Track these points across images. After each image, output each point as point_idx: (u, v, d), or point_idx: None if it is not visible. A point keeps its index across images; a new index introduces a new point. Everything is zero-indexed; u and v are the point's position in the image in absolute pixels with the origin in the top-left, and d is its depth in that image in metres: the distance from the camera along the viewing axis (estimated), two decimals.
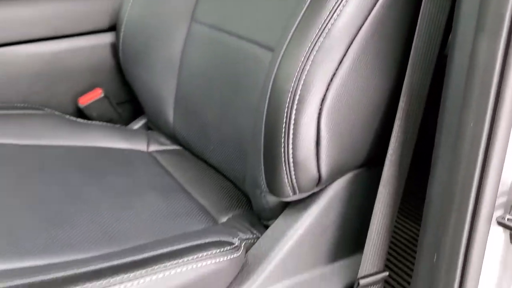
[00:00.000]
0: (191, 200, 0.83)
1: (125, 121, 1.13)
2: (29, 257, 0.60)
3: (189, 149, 1.01)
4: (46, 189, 0.75)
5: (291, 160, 0.61)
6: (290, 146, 0.60)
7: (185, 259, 0.60)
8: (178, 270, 0.59)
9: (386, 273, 0.71)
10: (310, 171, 0.62)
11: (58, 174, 0.81)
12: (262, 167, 0.66)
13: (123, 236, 0.68)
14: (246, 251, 0.70)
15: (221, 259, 0.62)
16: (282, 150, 0.61)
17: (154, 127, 1.09)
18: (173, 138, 1.04)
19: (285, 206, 0.72)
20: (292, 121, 0.59)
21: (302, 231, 0.69)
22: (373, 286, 0.70)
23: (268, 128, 0.62)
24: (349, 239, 0.74)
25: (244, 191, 0.85)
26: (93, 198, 0.76)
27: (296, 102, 0.59)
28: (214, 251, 0.62)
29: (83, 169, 0.85)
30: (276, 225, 0.71)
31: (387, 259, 0.75)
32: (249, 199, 0.84)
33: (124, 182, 0.84)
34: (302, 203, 0.70)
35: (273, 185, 0.65)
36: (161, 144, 1.04)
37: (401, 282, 1.05)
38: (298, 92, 0.59)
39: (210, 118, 0.87)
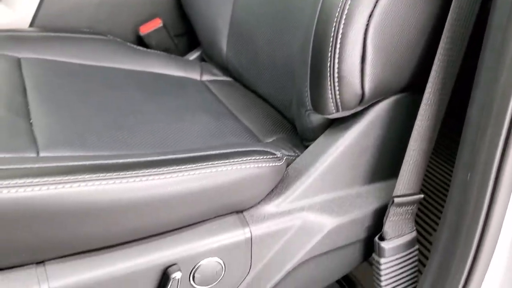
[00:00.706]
0: (239, 123, 0.88)
1: (181, 52, 1.19)
2: (94, 149, 0.67)
3: (240, 80, 1.06)
4: (109, 101, 0.82)
5: (336, 74, 0.64)
6: (336, 60, 0.63)
7: (231, 160, 0.65)
8: (224, 168, 0.64)
9: (421, 196, 0.74)
10: (354, 87, 0.65)
11: (119, 90, 0.87)
12: (308, 83, 0.70)
13: (177, 143, 0.74)
14: (288, 165, 0.75)
15: (263, 165, 0.67)
16: (328, 63, 0.64)
17: (208, 58, 1.14)
18: (225, 69, 1.09)
19: (327, 127, 0.76)
20: (340, 35, 0.62)
21: (342, 150, 0.72)
22: (408, 206, 0.73)
23: (316, 42, 0.65)
24: (386, 163, 0.77)
25: (289, 117, 0.89)
26: (151, 113, 0.82)
27: (344, 16, 0.61)
28: (257, 157, 0.67)
29: (141, 89, 0.91)
30: (318, 142, 0.75)
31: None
32: (294, 125, 0.88)
33: (179, 102, 0.89)
34: (344, 123, 0.73)
35: (317, 101, 0.69)
36: (214, 74, 1.10)
37: (430, 216, 1.07)
38: (347, 6, 0.61)
39: (263, 44, 0.91)
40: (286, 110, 0.89)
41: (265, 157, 0.68)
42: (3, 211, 0.53)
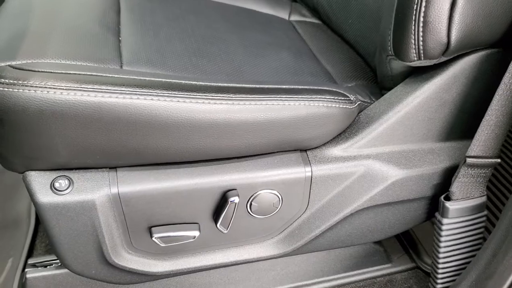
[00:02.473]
0: (318, 64, 0.86)
1: None
2: (172, 69, 0.69)
3: (328, 24, 1.04)
4: (194, 28, 0.84)
5: (421, 18, 0.61)
6: (423, 3, 0.60)
7: (300, 96, 0.65)
8: (292, 103, 0.64)
9: (498, 160, 0.70)
10: (439, 34, 0.61)
11: (205, 20, 0.89)
12: (392, 25, 0.67)
13: (251, 75, 0.75)
14: (360, 111, 0.74)
15: (333, 105, 0.66)
16: (415, 6, 0.61)
17: None
18: (315, 11, 1.07)
19: (407, 76, 0.73)
20: None
21: (419, 101, 0.69)
22: (480, 169, 0.70)
23: None
24: (465, 121, 0.73)
25: (371, 65, 0.86)
26: (233, 44, 0.83)
27: None
28: (328, 97, 0.67)
29: (228, 20, 0.92)
30: (395, 90, 0.72)
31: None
32: (375, 73, 0.85)
33: (262, 37, 0.89)
34: (425, 74, 0.70)
35: (399, 46, 0.66)
36: (302, 15, 1.08)
37: (505, 184, 1.01)
38: None
39: None
40: (370, 58, 0.87)
41: (336, 97, 0.67)
42: (84, 113, 0.57)
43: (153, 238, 0.68)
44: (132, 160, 0.65)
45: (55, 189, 0.63)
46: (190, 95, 0.60)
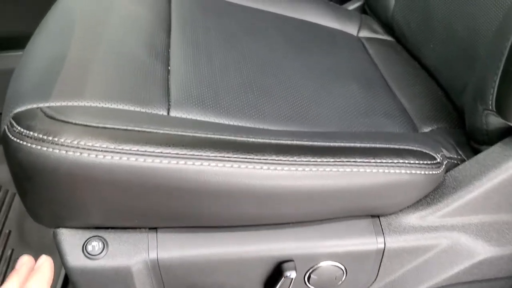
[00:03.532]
0: (393, 99, 0.74)
1: (340, 0, 1.05)
2: (225, 113, 0.59)
3: (403, 44, 0.91)
4: (251, 51, 0.73)
5: None
6: None
7: (378, 160, 0.54)
8: (368, 170, 0.53)
9: None
10: None
11: (263, 39, 0.78)
12: (498, 78, 0.54)
13: (315, 118, 0.64)
14: (447, 171, 0.62)
15: (417, 172, 0.55)
16: None
17: (370, 11, 0.99)
18: (389, 27, 0.94)
19: (506, 134, 0.60)
20: None
21: None
22: None
23: None
24: None
25: (456, 103, 0.74)
26: (294, 73, 0.72)
27: None
28: (412, 161, 0.55)
29: (288, 39, 0.81)
30: (492, 152, 0.59)
31: None
32: (460, 115, 0.72)
33: (327, 62, 0.78)
34: None
35: (505, 104, 0.54)
36: (374, 31, 0.95)
37: None
38: None
39: (438, 5, 0.74)
40: (455, 95, 0.74)
41: (421, 162, 0.56)
42: (122, 178, 0.48)
43: None
44: (175, 223, 0.56)
45: (88, 252, 0.55)
46: (245, 158, 0.50)
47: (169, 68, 0.65)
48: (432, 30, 0.79)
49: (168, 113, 0.57)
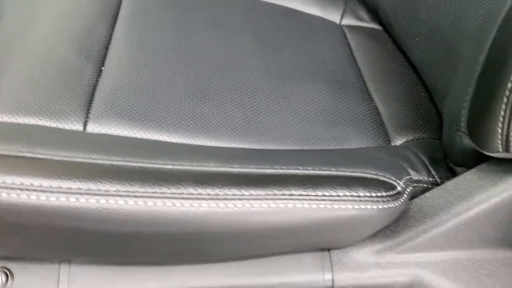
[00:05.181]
0: (368, 102, 0.65)
1: None
2: (154, 127, 0.51)
3: (389, 32, 0.80)
4: (211, 48, 0.64)
5: None
6: None
7: (319, 193, 0.45)
8: (306, 205, 0.44)
9: None
10: None
11: (227, 35, 0.69)
12: (470, 98, 0.45)
13: (262, 131, 0.55)
14: (412, 198, 0.53)
15: (367, 207, 0.46)
16: (509, 86, 0.38)
17: None
18: (375, 13, 0.83)
19: (482, 157, 0.51)
20: None
21: (497, 201, 0.48)
22: None
23: (500, 44, 0.39)
24: None
25: (439, 109, 0.64)
26: (252, 73, 0.63)
27: None
28: (362, 194, 0.46)
29: (256, 34, 0.72)
30: (463, 180, 0.50)
31: None
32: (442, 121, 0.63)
33: (297, 60, 0.69)
34: (509, 164, 0.47)
35: (477, 131, 0.44)
36: (358, 18, 0.85)
37: None
38: None
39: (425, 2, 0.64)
40: (438, 99, 0.64)
41: (373, 194, 0.47)
42: (14, 214, 0.41)
43: None
44: (88, 257, 0.49)
45: None
46: (155, 193, 0.42)
47: (102, 68, 0.57)
48: (418, 23, 0.69)
49: (84, 128, 0.50)
